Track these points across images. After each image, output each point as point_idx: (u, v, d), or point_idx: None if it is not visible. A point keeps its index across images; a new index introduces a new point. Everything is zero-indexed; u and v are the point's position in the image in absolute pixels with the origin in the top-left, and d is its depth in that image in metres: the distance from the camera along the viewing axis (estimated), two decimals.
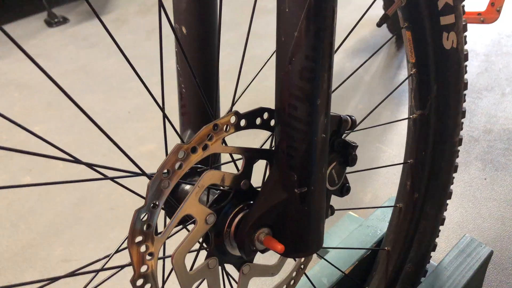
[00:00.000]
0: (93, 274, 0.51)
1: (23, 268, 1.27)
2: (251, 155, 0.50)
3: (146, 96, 2.03)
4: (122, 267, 0.49)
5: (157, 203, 0.44)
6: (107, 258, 0.53)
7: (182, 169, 0.45)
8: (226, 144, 0.49)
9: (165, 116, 0.54)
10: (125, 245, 0.45)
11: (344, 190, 0.59)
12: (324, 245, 1.06)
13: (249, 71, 0.65)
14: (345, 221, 1.18)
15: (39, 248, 1.34)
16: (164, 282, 0.60)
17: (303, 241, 0.50)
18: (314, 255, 1.18)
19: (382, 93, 1.91)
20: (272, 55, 0.52)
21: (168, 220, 0.58)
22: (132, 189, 0.53)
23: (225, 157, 0.62)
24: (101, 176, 0.51)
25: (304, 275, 0.77)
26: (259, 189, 0.52)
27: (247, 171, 0.50)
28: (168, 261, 0.52)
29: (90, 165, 0.45)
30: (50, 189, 1.58)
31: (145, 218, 0.43)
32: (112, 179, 0.51)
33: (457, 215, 1.28)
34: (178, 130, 0.63)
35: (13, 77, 2.44)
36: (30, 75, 2.44)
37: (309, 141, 0.47)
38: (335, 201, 0.59)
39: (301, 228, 0.49)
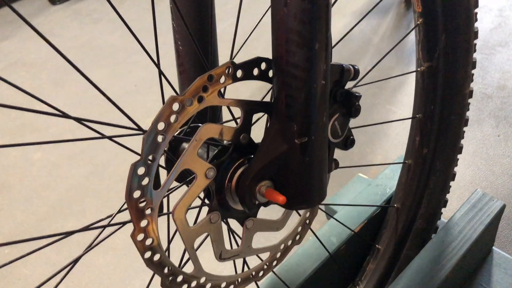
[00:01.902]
0: (99, 231, 0.52)
1: (37, 241, 1.30)
2: (249, 107, 0.48)
3: (151, 69, 2.02)
4: (124, 223, 0.49)
5: (154, 157, 0.43)
6: (111, 217, 0.53)
7: (178, 122, 0.44)
8: (223, 97, 0.47)
9: (161, 73, 0.53)
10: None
11: (348, 142, 0.58)
12: (333, 205, 1.05)
13: (255, 38, 0.63)
14: (354, 182, 1.17)
15: (52, 221, 1.36)
16: (169, 242, 0.60)
17: (305, 192, 0.49)
18: (323, 215, 1.17)
19: (392, 54, 1.86)
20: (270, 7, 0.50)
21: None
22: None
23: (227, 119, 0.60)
24: (98, 135, 0.51)
25: (312, 233, 0.77)
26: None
27: (246, 125, 0.49)
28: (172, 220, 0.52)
29: (80, 120, 0.44)
30: (60, 164, 1.60)
31: (142, 173, 0.43)
32: (109, 137, 0.51)
33: (470, 173, 1.26)
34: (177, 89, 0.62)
35: (20, 56, 2.44)
36: (36, 54, 2.43)
37: (308, 88, 0.45)
38: (343, 163, 0.57)
39: (303, 180, 0.48)
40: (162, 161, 0.60)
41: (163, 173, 0.52)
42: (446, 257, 0.80)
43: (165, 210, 0.57)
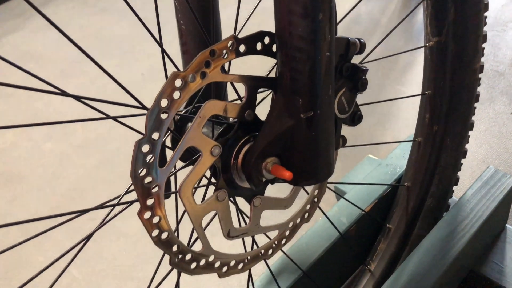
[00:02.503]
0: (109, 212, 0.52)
1: (53, 229, 1.31)
2: (254, 83, 0.48)
3: (158, 58, 2.01)
4: (132, 202, 0.49)
5: (158, 134, 0.43)
6: (120, 197, 0.53)
7: (181, 99, 0.43)
8: (226, 72, 0.47)
9: (163, 52, 0.53)
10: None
11: (355, 118, 0.57)
12: (342, 186, 1.05)
13: (261, 23, 0.62)
14: (364, 164, 1.16)
15: (65, 209, 1.38)
16: (178, 222, 0.60)
17: (312, 168, 0.48)
18: (333, 198, 1.17)
19: (400, 35, 1.83)
20: None
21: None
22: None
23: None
24: (103, 116, 0.50)
25: (322, 213, 0.77)
26: None
27: (250, 101, 0.48)
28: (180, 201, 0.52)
29: (78, 98, 0.44)
30: (70, 153, 1.61)
31: (146, 150, 0.42)
32: (114, 118, 0.51)
33: (482, 151, 1.24)
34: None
35: (27, 48, 2.45)
36: (43, 46, 2.44)
37: (313, 61, 0.44)
38: (351, 144, 0.56)
39: (310, 155, 0.48)
40: (168, 142, 0.60)
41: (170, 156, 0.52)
42: (458, 234, 0.79)
43: (173, 190, 0.57)
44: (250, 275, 0.62)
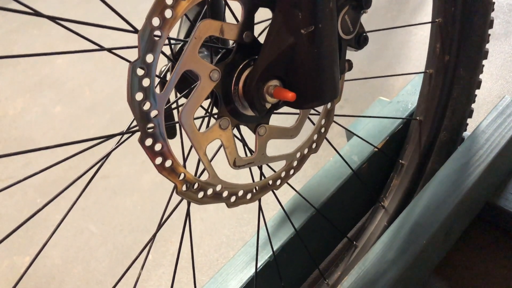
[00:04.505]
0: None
1: (68, 189, 1.33)
2: (250, 1, 0.45)
3: None
4: (135, 131, 0.48)
5: (153, 56, 0.41)
6: (126, 129, 0.53)
7: (173, 17, 0.41)
8: None
9: None
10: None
11: (361, 40, 0.54)
12: (353, 129, 1.03)
13: None
14: (375, 106, 1.13)
15: (78, 169, 1.39)
16: (185, 160, 0.59)
17: (316, 88, 0.46)
18: (344, 142, 1.15)
19: None
20: None
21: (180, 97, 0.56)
22: None
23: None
24: (97, 47, 0.49)
25: (334, 150, 0.75)
26: None
27: (248, 21, 0.46)
28: (186, 143, 0.51)
29: (53, 18, 0.42)
30: (80, 115, 1.61)
31: (141, 74, 0.41)
32: (108, 50, 0.49)
33: (497, 87, 1.20)
34: None
35: (29, 15, 2.42)
36: (44, 11, 2.41)
37: None
38: (364, 88, 0.53)
39: (313, 73, 0.45)
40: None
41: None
42: (473, 165, 0.77)
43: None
44: (260, 209, 0.62)
